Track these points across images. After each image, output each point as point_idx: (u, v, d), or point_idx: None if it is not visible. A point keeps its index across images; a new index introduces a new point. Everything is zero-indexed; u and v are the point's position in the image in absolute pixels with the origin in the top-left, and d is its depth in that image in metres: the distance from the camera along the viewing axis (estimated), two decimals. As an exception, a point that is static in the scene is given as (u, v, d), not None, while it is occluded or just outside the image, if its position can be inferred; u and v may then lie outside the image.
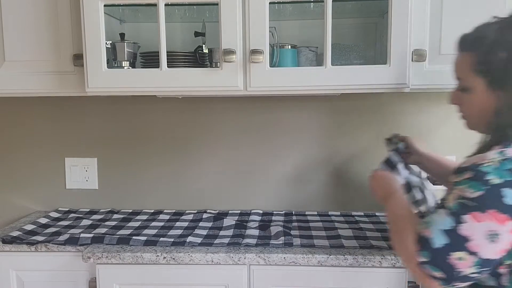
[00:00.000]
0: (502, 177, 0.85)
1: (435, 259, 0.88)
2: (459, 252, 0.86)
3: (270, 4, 1.31)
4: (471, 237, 0.86)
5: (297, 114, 1.71)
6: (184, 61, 1.48)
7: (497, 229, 0.85)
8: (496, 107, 0.95)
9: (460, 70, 1.02)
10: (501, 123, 0.94)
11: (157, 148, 1.76)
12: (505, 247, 0.86)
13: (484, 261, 0.86)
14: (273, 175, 1.74)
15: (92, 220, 1.60)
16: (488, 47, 0.94)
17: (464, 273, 0.87)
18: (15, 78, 1.44)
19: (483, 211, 0.85)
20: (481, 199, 0.85)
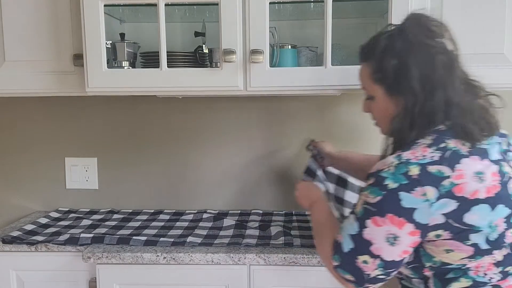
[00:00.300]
0: (398, 181, 0.88)
1: (344, 263, 0.94)
2: (363, 255, 0.91)
3: (270, 4, 1.31)
4: (373, 241, 0.90)
5: (297, 114, 1.71)
6: (184, 61, 1.48)
7: (396, 233, 0.89)
8: (396, 113, 0.98)
9: (362, 79, 1.06)
10: (398, 128, 0.98)
11: (157, 148, 1.76)
12: (407, 248, 0.91)
13: (386, 263, 0.91)
14: (274, 175, 1.74)
15: (92, 220, 1.60)
16: (380, 56, 0.99)
17: (371, 275, 0.93)
18: (15, 78, 1.43)
19: (382, 216, 0.89)
20: (380, 204, 0.90)
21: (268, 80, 1.34)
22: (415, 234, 0.90)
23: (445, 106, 0.93)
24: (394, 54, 0.97)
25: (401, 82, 0.96)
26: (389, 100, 1.00)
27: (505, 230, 0.90)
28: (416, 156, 0.90)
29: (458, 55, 0.98)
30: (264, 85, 1.35)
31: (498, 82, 1.36)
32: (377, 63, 1.00)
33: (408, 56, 0.94)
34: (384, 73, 0.98)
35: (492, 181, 0.90)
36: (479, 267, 0.92)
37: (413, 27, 0.97)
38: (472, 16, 1.34)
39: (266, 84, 1.34)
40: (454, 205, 0.87)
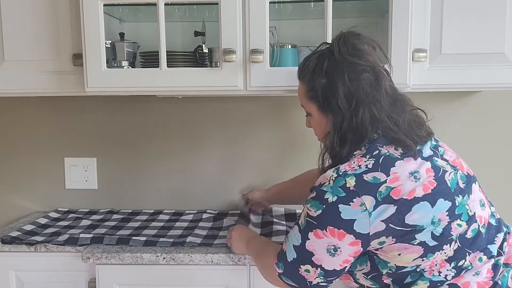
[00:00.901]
0: (336, 194, 0.92)
1: (288, 271, 0.99)
2: (305, 265, 0.96)
3: (270, 4, 1.31)
4: (314, 252, 0.95)
5: (298, 114, 1.71)
6: (184, 61, 1.48)
7: (336, 244, 0.93)
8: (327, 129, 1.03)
9: (299, 97, 1.11)
10: (329, 144, 1.02)
11: (156, 148, 1.75)
12: (347, 258, 0.95)
13: (327, 272, 0.96)
14: (274, 175, 1.73)
15: (91, 221, 1.59)
16: (310, 75, 1.04)
17: (313, 283, 0.98)
18: (14, 78, 1.43)
19: (322, 229, 0.93)
20: (320, 217, 0.93)
21: (268, 80, 1.34)
22: (355, 244, 0.92)
23: (372, 122, 0.97)
24: (322, 73, 1.01)
25: (329, 100, 1.00)
26: (322, 117, 1.04)
27: (449, 223, 0.92)
28: (353, 167, 0.94)
29: (385, 72, 1.02)
30: (264, 85, 1.34)
31: (498, 82, 1.36)
32: (308, 82, 1.05)
33: (334, 75, 0.99)
34: (315, 91, 1.03)
35: (427, 178, 0.92)
36: (432, 266, 0.94)
37: (340, 47, 1.01)
38: (472, 16, 1.34)
39: (266, 84, 1.34)
40: (392, 209, 0.90)
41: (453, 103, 1.66)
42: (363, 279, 1.02)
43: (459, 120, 1.67)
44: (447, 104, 1.66)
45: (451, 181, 0.95)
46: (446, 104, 1.66)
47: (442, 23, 1.35)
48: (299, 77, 1.09)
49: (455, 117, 1.67)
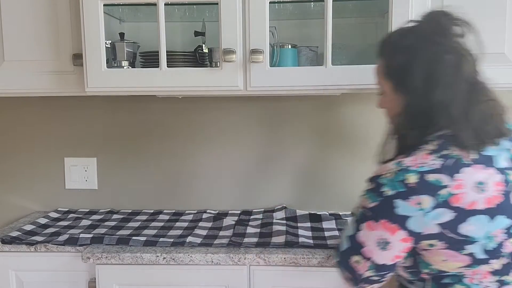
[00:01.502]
0: (394, 189, 0.89)
1: (341, 260, 0.99)
2: (356, 256, 0.95)
3: (270, 4, 1.31)
4: (365, 243, 0.94)
5: (298, 114, 1.71)
6: (184, 61, 1.48)
7: (387, 238, 0.91)
8: (399, 110, 0.98)
9: (376, 74, 1.06)
10: (399, 125, 0.98)
11: (156, 148, 1.75)
12: (399, 253, 0.92)
13: (377, 266, 0.94)
14: (274, 175, 1.73)
15: (91, 221, 1.59)
16: (391, 51, 0.99)
17: (364, 276, 0.95)
18: (14, 78, 1.43)
19: (376, 221, 0.92)
20: (375, 209, 0.92)
21: (268, 80, 1.34)
22: (407, 241, 0.91)
23: (444, 107, 0.91)
24: (402, 50, 0.96)
25: (406, 79, 0.95)
26: (395, 97, 0.99)
27: (504, 240, 0.89)
28: (416, 163, 0.90)
29: (473, 57, 0.95)
30: (264, 85, 1.34)
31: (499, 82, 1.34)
32: (387, 59, 1.00)
33: (415, 54, 0.93)
34: (392, 69, 0.98)
35: (494, 191, 0.88)
36: (474, 274, 0.92)
37: (426, 25, 0.96)
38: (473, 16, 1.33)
39: (266, 84, 1.34)
40: (450, 215, 0.87)
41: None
42: (402, 271, 1.01)
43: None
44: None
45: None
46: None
47: (442, 23, 1.35)
48: (379, 52, 1.03)
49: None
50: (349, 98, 1.66)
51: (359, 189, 1.68)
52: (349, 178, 1.71)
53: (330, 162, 1.71)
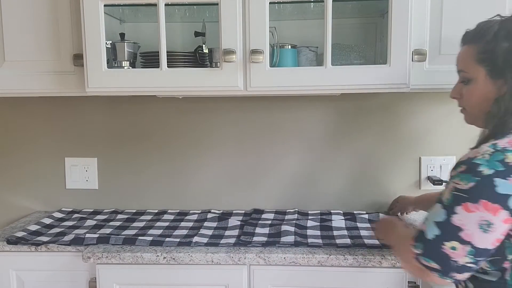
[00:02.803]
0: (493, 168, 0.87)
1: (428, 250, 0.91)
2: (451, 241, 0.89)
3: (270, 4, 1.31)
4: (463, 226, 0.88)
5: (298, 114, 1.71)
6: (184, 61, 1.48)
7: (490, 219, 0.87)
8: (496, 96, 0.98)
9: (462, 61, 1.06)
10: (500, 112, 0.97)
11: (157, 149, 1.75)
12: (499, 236, 0.88)
13: (478, 251, 0.88)
14: (276, 175, 1.74)
15: (96, 221, 1.60)
16: (491, 37, 0.99)
17: (459, 263, 0.89)
18: (15, 78, 1.43)
19: (475, 202, 0.87)
20: (473, 190, 0.88)
21: (268, 80, 1.34)
22: (509, 222, 0.87)
23: None
24: (507, 37, 0.97)
25: (508, 65, 0.96)
26: (491, 83, 0.99)
27: None
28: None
29: None
30: (264, 85, 1.35)
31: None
32: (486, 45, 0.99)
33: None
34: (493, 54, 0.98)
35: None
36: None
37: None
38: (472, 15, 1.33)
39: (266, 84, 1.34)
40: None
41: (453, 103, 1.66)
42: None
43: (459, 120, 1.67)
44: (446, 104, 1.66)
45: None
46: (445, 104, 1.66)
47: (441, 23, 1.35)
48: (470, 40, 1.04)
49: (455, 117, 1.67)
50: (349, 98, 1.66)
51: (359, 187, 1.70)
52: (352, 178, 1.71)
53: (330, 162, 1.71)
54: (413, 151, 1.69)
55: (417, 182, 1.70)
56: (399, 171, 1.70)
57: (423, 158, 1.69)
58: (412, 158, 1.69)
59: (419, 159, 1.69)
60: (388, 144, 1.69)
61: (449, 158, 1.68)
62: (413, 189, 1.70)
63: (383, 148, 1.70)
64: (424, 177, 1.69)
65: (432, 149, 1.69)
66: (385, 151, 1.70)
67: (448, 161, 1.67)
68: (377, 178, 1.71)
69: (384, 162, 1.70)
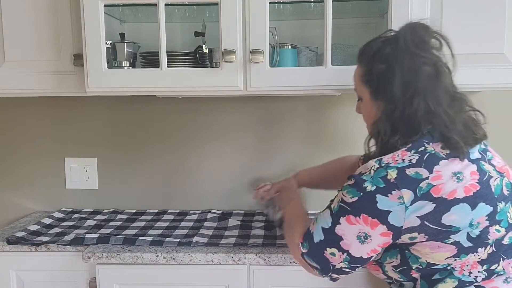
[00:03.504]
0: (375, 184, 0.91)
1: (312, 252, 1.00)
2: (332, 248, 0.97)
3: (270, 4, 1.31)
4: (344, 236, 0.95)
5: (297, 114, 1.71)
6: (184, 61, 1.48)
7: (367, 231, 0.93)
8: (376, 116, 1.02)
9: (354, 80, 1.10)
10: (377, 131, 1.00)
11: (157, 148, 1.76)
12: (376, 247, 0.95)
13: (353, 259, 0.96)
14: (276, 175, 1.73)
15: (96, 221, 1.60)
16: (370, 59, 1.03)
17: (336, 267, 0.99)
18: (15, 78, 1.43)
19: (356, 215, 0.93)
20: (355, 204, 0.94)
21: (268, 80, 1.34)
22: (386, 236, 0.92)
23: (425, 115, 0.95)
24: (383, 59, 0.99)
25: (384, 86, 0.99)
26: (373, 103, 1.03)
27: (488, 227, 0.92)
28: (396, 160, 0.93)
29: (447, 69, 1.00)
30: (264, 85, 1.35)
31: (498, 82, 1.36)
32: (367, 66, 1.03)
33: (395, 63, 0.97)
34: (371, 76, 1.02)
35: (471, 180, 0.91)
36: (464, 266, 0.94)
37: (406, 36, 0.99)
38: (472, 16, 1.34)
39: (266, 84, 1.34)
40: (430, 207, 0.89)
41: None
42: (391, 271, 1.02)
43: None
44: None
45: (495, 187, 0.93)
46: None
47: (441, 23, 1.35)
48: (358, 59, 1.08)
49: (455, 117, 1.67)
50: (349, 98, 1.66)
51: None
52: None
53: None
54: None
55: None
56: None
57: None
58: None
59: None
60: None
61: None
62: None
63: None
64: None
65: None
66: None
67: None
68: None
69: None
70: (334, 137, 1.71)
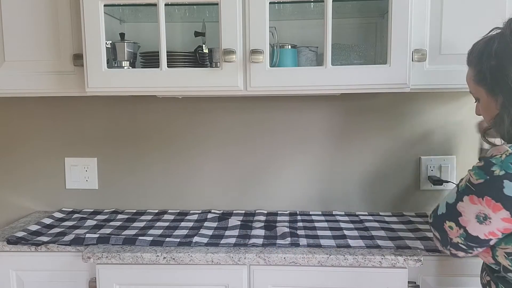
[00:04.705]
0: (504, 169, 0.92)
1: (435, 222, 1.06)
2: (451, 222, 1.01)
3: (270, 4, 1.31)
4: (463, 213, 0.98)
5: (298, 114, 1.71)
6: (184, 61, 1.48)
7: (488, 213, 0.94)
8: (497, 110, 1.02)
9: (468, 83, 1.11)
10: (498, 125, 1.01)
11: (157, 149, 1.76)
12: (495, 231, 0.95)
13: (469, 236, 0.98)
14: (276, 175, 1.74)
15: (96, 221, 1.60)
16: (479, 59, 1.05)
17: (453, 241, 1.01)
18: (15, 78, 1.43)
19: (480, 196, 0.94)
20: (480, 186, 0.95)
21: (268, 80, 1.34)
22: (509, 222, 0.92)
23: None
24: (491, 55, 1.01)
25: (499, 81, 1.00)
26: (491, 100, 1.04)
27: None
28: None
29: None
30: (264, 85, 1.35)
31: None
32: (477, 66, 1.06)
33: (504, 57, 0.99)
34: (483, 74, 1.03)
35: None
36: None
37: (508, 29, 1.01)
38: (472, 16, 1.34)
39: (266, 84, 1.34)
40: None
41: (453, 103, 1.66)
42: (503, 257, 0.99)
43: (459, 120, 1.67)
44: (446, 104, 1.66)
45: None
46: (445, 104, 1.66)
47: (441, 23, 1.35)
48: (468, 62, 1.10)
49: (455, 117, 1.67)
50: (349, 98, 1.66)
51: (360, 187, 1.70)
52: (350, 178, 1.71)
53: (330, 163, 1.71)
54: (413, 151, 1.69)
55: (417, 182, 1.70)
56: (399, 171, 1.70)
57: (423, 158, 1.69)
58: (412, 158, 1.69)
59: (419, 159, 1.69)
60: (388, 144, 1.69)
61: (449, 158, 1.68)
62: (413, 189, 1.71)
63: (383, 148, 1.70)
64: (424, 177, 1.69)
65: (432, 149, 1.69)
66: (385, 151, 1.70)
67: (448, 161, 1.68)
68: (377, 178, 1.71)
69: (384, 162, 1.70)
70: (334, 137, 1.71)
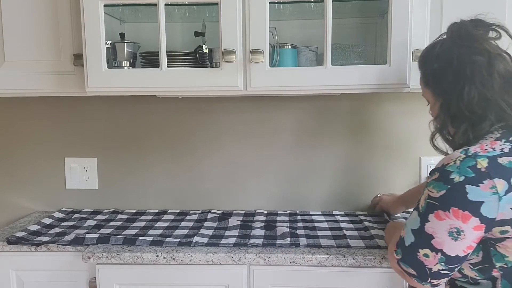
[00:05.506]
0: (464, 175, 0.87)
1: (406, 256, 0.95)
2: (424, 249, 0.92)
3: (270, 4, 1.31)
4: (435, 234, 0.90)
5: (298, 114, 1.71)
6: (184, 61, 1.48)
7: (460, 226, 0.88)
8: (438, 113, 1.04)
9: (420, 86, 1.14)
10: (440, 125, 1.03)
11: (157, 149, 1.76)
12: (471, 243, 0.89)
13: (448, 258, 0.90)
14: (276, 175, 1.74)
15: (96, 221, 1.59)
16: (424, 62, 1.08)
17: (433, 270, 0.92)
18: (15, 78, 1.44)
19: (445, 210, 0.89)
20: (443, 198, 0.89)
21: (268, 80, 1.34)
22: (479, 229, 0.88)
23: (482, 104, 0.95)
24: (434, 58, 1.04)
25: (440, 83, 1.02)
26: (436, 102, 1.05)
27: None
28: (485, 149, 0.90)
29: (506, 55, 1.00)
30: (264, 85, 1.35)
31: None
32: (422, 69, 1.10)
33: (444, 59, 1.01)
34: (428, 77, 1.06)
35: None
36: None
37: (453, 32, 1.03)
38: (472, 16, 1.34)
39: (266, 84, 1.34)
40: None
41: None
42: (468, 269, 0.96)
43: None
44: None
45: None
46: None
47: (441, 24, 1.35)
48: (418, 67, 1.12)
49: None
50: (349, 98, 1.66)
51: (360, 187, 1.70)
52: (352, 178, 1.72)
53: (330, 163, 1.72)
54: (413, 151, 1.69)
55: (417, 182, 1.70)
56: (399, 171, 1.70)
57: (423, 158, 1.69)
58: (412, 158, 1.69)
59: (419, 159, 1.69)
60: (388, 144, 1.69)
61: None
62: (413, 189, 1.70)
63: (383, 148, 1.70)
64: (424, 177, 1.69)
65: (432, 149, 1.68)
66: (385, 151, 1.70)
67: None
68: (377, 178, 1.71)
69: (384, 162, 1.70)
70: (334, 137, 1.71)
